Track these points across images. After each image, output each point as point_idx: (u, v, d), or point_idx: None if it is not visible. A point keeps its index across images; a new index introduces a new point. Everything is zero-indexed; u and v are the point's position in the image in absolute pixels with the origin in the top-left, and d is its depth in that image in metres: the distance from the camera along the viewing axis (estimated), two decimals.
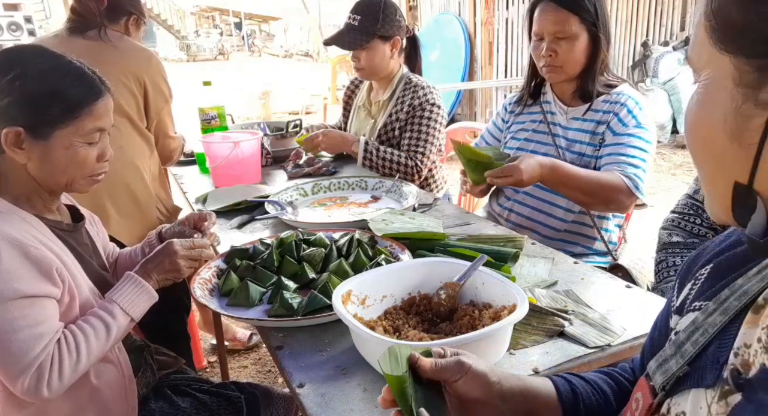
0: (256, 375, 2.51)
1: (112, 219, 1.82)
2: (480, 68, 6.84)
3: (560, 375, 0.77)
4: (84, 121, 1.09)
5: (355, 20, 2.10)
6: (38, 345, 0.99)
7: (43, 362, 0.99)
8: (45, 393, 0.99)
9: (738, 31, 0.49)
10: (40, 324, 1.00)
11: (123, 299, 1.13)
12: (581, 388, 0.74)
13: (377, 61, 2.14)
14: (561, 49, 1.60)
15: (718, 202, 0.56)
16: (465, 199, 2.77)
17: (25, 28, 7.91)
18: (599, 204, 1.61)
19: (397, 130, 2.17)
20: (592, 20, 1.58)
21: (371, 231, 1.39)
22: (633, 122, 1.61)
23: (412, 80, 2.19)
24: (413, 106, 2.12)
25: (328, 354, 1.00)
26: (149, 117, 1.96)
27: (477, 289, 1.07)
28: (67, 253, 1.13)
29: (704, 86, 0.53)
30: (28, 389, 0.98)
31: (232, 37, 27.31)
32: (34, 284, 1.00)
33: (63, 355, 1.02)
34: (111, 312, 1.11)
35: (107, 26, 1.87)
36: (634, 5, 6.70)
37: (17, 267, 0.99)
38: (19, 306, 0.98)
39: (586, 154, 1.67)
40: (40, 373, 0.99)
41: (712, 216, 0.58)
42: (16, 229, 1.03)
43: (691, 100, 0.55)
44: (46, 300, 1.03)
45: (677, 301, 0.65)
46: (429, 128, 2.11)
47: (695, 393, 0.53)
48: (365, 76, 2.26)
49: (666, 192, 4.67)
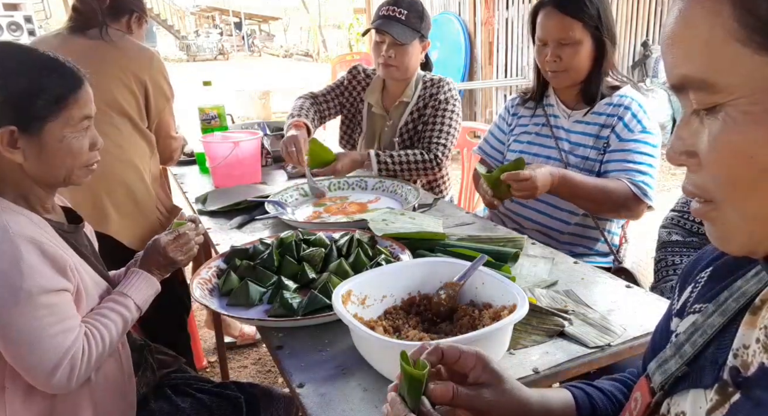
0: (256, 375, 2.51)
1: (112, 219, 1.81)
2: (480, 68, 6.84)
3: (576, 385, 0.76)
4: (72, 110, 1.10)
5: (401, 14, 2.03)
6: (68, 338, 1.02)
7: (75, 354, 1.03)
8: (74, 385, 1.04)
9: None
10: (67, 318, 1.04)
11: (137, 294, 1.20)
12: (598, 400, 0.74)
13: (413, 60, 2.10)
14: (565, 55, 1.58)
15: (746, 232, 0.47)
16: (465, 199, 2.77)
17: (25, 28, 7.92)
18: (609, 212, 1.63)
19: (420, 126, 2.14)
20: (596, 25, 1.56)
21: (371, 231, 1.39)
22: (639, 127, 1.60)
23: (432, 77, 2.18)
24: (439, 100, 2.12)
25: (328, 354, 1.00)
26: (150, 117, 1.95)
27: (477, 289, 1.07)
28: (71, 253, 1.13)
29: (751, 103, 0.42)
30: (59, 382, 1.02)
31: (232, 37, 27.29)
32: (54, 280, 1.03)
33: (92, 347, 1.06)
34: (127, 307, 1.17)
35: (109, 25, 1.87)
36: (634, 5, 6.70)
37: (38, 264, 1.01)
38: (44, 302, 1.01)
39: (590, 158, 1.66)
40: (72, 366, 1.03)
41: (723, 248, 0.50)
42: (28, 228, 1.05)
43: (728, 124, 0.44)
44: (66, 294, 1.06)
45: (678, 304, 0.66)
46: (453, 121, 2.12)
47: (694, 394, 0.53)
48: (394, 74, 2.10)
49: (666, 192, 4.67)
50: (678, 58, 0.46)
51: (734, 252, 0.50)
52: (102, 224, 1.74)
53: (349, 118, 2.36)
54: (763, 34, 0.41)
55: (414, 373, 0.63)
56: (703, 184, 0.48)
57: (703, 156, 0.46)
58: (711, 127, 0.45)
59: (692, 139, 0.48)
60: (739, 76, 0.42)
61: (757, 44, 0.41)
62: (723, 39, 0.43)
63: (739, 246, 0.49)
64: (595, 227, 1.71)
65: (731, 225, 0.48)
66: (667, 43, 0.47)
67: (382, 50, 2.06)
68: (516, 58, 6.72)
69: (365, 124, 2.32)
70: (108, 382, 1.18)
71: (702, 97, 0.45)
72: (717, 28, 0.43)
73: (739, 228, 0.47)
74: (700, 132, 0.47)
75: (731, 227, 0.48)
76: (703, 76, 0.44)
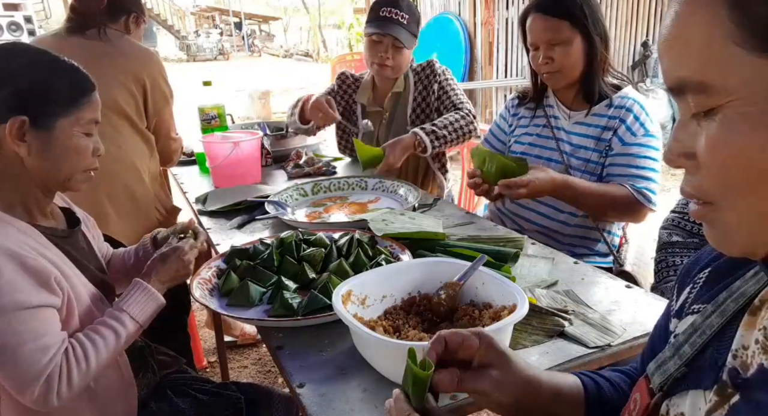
0: (256, 375, 2.51)
1: (111, 220, 1.82)
2: (480, 68, 6.85)
3: (584, 373, 0.76)
4: (84, 110, 1.12)
5: (403, 18, 2.07)
6: (45, 356, 0.98)
7: (51, 373, 0.99)
8: (54, 403, 1.00)
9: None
10: (45, 335, 1.00)
11: (133, 307, 1.15)
12: (605, 387, 0.74)
13: (407, 61, 2.19)
14: (557, 55, 1.60)
15: (746, 233, 0.47)
16: (465, 198, 2.77)
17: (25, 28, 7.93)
18: (612, 217, 1.67)
19: (434, 105, 2.19)
20: (583, 22, 1.57)
21: (371, 231, 1.39)
22: (642, 131, 1.60)
23: (420, 64, 2.25)
24: (438, 75, 2.19)
25: (328, 354, 1.00)
26: (149, 117, 1.95)
27: (477, 289, 1.07)
28: (64, 260, 1.12)
29: (748, 105, 0.43)
30: (36, 400, 0.99)
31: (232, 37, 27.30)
32: (34, 295, 1.00)
33: (71, 365, 1.01)
34: (121, 321, 1.12)
35: (107, 25, 1.87)
36: (634, 5, 6.70)
37: (17, 279, 0.98)
38: (21, 318, 0.98)
39: (591, 160, 1.66)
40: (48, 384, 0.99)
41: (722, 249, 0.50)
42: (12, 240, 1.02)
43: (726, 126, 0.44)
44: (48, 310, 1.02)
45: (676, 305, 0.66)
46: (455, 83, 2.22)
47: (693, 395, 0.53)
48: (388, 74, 2.17)
49: (666, 192, 4.67)
50: (675, 61, 0.46)
51: (734, 254, 0.49)
52: (101, 224, 1.73)
53: (344, 122, 2.38)
54: (759, 36, 0.41)
55: (419, 373, 0.62)
56: (701, 185, 0.48)
57: (701, 158, 0.46)
58: (709, 129, 0.45)
59: (690, 141, 0.48)
60: (737, 78, 0.42)
61: (753, 46, 0.41)
62: (720, 41, 0.43)
63: (739, 247, 0.48)
64: (595, 228, 1.71)
65: (730, 226, 0.48)
66: (665, 46, 0.47)
67: (380, 51, 2.09)
68: (516, 58, 6.72)
69: (359, 120, 2.37)
70: (108, 390, 1.16)
71: (700, 99, 0.45)
72: (714, 31, 0.43)
73: (739, 229, 0.47)
74: (698, 134, 0.47)
75: (730, 228, 0.48)
76: (700, 78, 0.44)
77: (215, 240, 1.56)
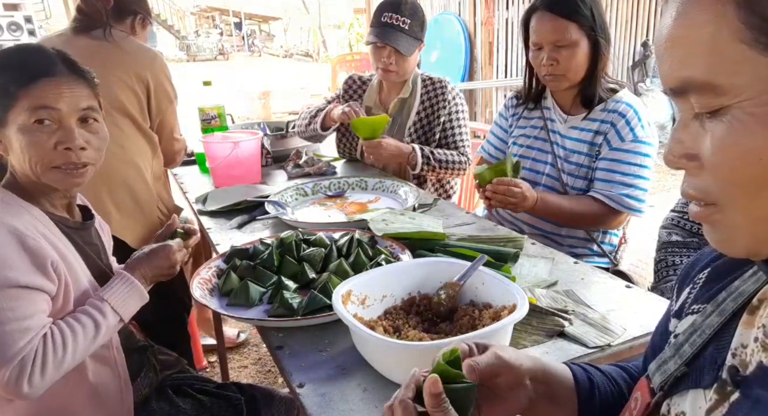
0: (256, 375, 2.51)
1: (113, 218, 1.82)
2: (480, 68, 6.84)
3: (576, 363, 0.75)
4: (22, 99, 1.05)
5: (405, 23, 2.04)
6: (23, 338, 0.97)
7: (26, 356, 0.97)
8: (25, 389, 0.97)
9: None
10: (28, 318, 0.98)
11: (114, 298, 1.13)
12: (597, 378, 0.73)
13: (413, 65, 2.16)
14: (562, 57, 1.56)
15: (750, 234, 0.47)
16: (465, 199, 2.77)
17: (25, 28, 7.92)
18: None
19: (437, 128, 2.17)
20: (591, 25, 1.54)
21: (371, 231, 1.39)
22: (630, 136, 1.57)
23: (431, 77, 2.22)
24: (449, 102, 2.16)
25: (328, 354, 1.00)
26: (152, 117, 1.96)
27: (477, 289, 1.07)
28: (70, 249, 1.12)
29: (757, 105, 0.42)
30: (7, 383, 0.96)
31: (232, 37, 27.31)
32: (26, 275, 0.99)
33: (47, 351, 0.99)
34: (101, 311, 1.10)
35: (113, 26, 1.87)
36: (634, 5, 6.69)
37: (12, 256, 0.98)
38: (8, 295, 0.97)
39: (584, 165, 1.65)
40: (21, 368, 0.96)
41: (726, 251, 0.50)
42: (20, 220, 1.03)
43: (735, 127, 0.43)
44: (37, 293, 1.01)
45: (676, 305, 0.66)
46: (465, 121, 2.21)
47: (694, 394, 0.53)
48: (393, 78, 2.15)
49: (666, 192, 4.67)
50: (679, 61, 0.45)
51: (737, 255, 0.49)
52: None
53: (345, 126, 2.34)
54: None
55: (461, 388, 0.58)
56: (705, 187, 0.47)
57: (706, 159, 0.46)
58: (715, 130, 0.44)
59: (692, 142, 0.47)
60: (746, 78, 0.42)
61: (763, 45, 0.41)
62: (728, 40, 0.42)
63: (743, 248, 0.48)
64: (596, 229, 1.72)
65: (735, 227, 0.47)
66: (666, 46, 0.46)
67: (383, 56, 2.09)
68: (516, 58, 6.72)
69: None
70: (103, 388, 1.16)
71: (706, 99, 0.44)
72: (721, 30, 0.42)
73: (744, 230, 0.47)
74: (702, 135, 0.46)
75: (735, 229, 0.47)
76: (707, 79, 0.43)
77: (215, 240, 1.56)
